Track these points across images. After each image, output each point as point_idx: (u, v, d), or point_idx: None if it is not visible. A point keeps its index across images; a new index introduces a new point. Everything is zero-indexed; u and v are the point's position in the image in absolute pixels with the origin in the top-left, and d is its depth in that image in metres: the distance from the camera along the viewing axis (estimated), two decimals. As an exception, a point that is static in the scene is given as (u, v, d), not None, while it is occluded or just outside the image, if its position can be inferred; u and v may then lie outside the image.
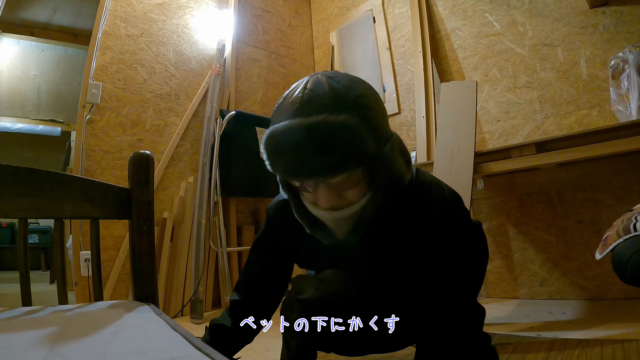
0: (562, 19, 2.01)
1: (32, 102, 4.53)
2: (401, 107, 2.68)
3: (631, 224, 0.62)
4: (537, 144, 1.66)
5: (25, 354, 0.49)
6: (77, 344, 0.53)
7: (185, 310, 2.15)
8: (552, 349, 1.22)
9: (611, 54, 1.78)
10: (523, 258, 2.05)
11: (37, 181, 0.81)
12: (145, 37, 2.37)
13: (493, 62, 2.27)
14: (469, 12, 2.39)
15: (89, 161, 2.06)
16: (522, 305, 1.90)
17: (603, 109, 1.87)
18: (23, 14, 3.82)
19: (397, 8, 2.75)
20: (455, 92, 1.94)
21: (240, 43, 2.84)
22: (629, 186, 1.76)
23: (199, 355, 0.48)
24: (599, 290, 1.82)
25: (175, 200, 2.31)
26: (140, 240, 0.90)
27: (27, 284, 0.81)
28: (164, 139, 2.37)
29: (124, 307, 0.76)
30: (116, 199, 0.90)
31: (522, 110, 2.14)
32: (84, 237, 1.96)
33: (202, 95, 2.55)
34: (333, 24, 3.23)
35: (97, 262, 0.89)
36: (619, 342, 1.21)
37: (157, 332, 0.60)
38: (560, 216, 1.95)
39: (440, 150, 1.86)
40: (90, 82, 2.09)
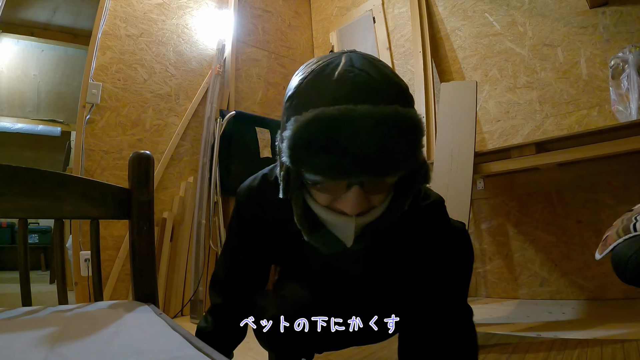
0: (562, 19, 2.01)
1: (32, 102, 4.53)
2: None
3: (631, 224, 0.62)
4: (537, 144, 1.66)
5: (25, 354, 0.49)
6: (77, 344, 0.53)
7: (185, 310, 2.15)
8: (552, 349, 1.22)
9: (611, 54, 1.78)
10: (523, 258, 2.05)
11: (37, 181, 0.81)
12: (145, 37, 2.37)
13: (493, 62, 2.27)
14: (469, 12, 2.39)
15: (89, 161, 2.06)
16: (522, 305, 1.90)
17: (603, 109, 1.87)
18: (23, 13, 3.82)
19: (397, 8, 2.75)
20: (455, 92, 1.94)
21: (240, 43, 2.84)
22: (628, 186, 1.76)
23: (199, 355, 0.48)
24: (599, 290, 1.82)
25: (175, 200, 2.31)
26: (140, 240, 0.89)
27: (27, 284, 0.80)
28: (164, 139, 2.37)
29: (123, 307, 0.76)
30: (116, 199, 0.90)
31: (522, 110, 2.14)
32: (83, 237, 1.96)
33: (202, 96, 2.55)
34: (333, 24, 3.23)
35: (97, 262, 0.89)
36: (619, 342, 1.21)
37: (157, 332, 0.60)
38: (560, 216, 1.95)
39: (440, 150, 1.86)
40: (90, 82, 2.09)
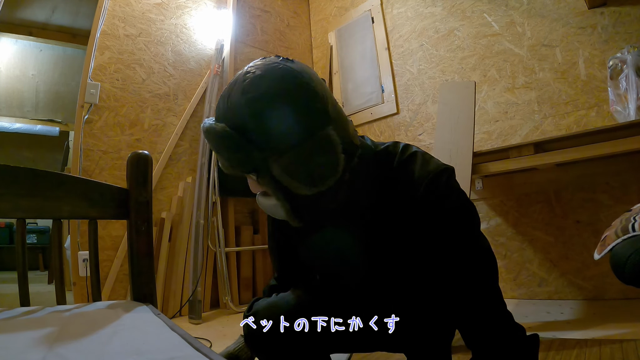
0: (561, 19, 2.02)
1: (31, 102, 4.52)
2: (400, 108, 2.68)
3: (630, 224, 0.62)
4: (535, 144, 1.66)
5: (23, 354, 0.49)
6: (76, 344, 0.52)
7: (183, 310, 2.15)
8: (551, 349, 1.23)
9: (609, 54, 1.78)
10: (521, 258, 2.06)
11: (35, 181, 0.81)
12: (143, 37, 2.37)
13: (491, 63, 2.27)
14: (468, 13, 2.39)
15: (87, 161, 2.05)
16: (520, 305, 1.91)
17: (601, 109, 1.87)
18: (21, 13, 3.81)
19: (396, 8, 2.75)
20: (453, 92, 1.94)
21: (238, 43, 2.84)
22: (627, 186, 1.77)
23: (197, 355, 0.48)
24: (598, 291, 1.82)
25: (173, 201, 2.31)
26: (139, 241, 0.89)
27: (25, 284, 0.80)
28: (163, 139, 2.37)
29: (122, 307, 0.76)
30: (114, 199, 0.90)
31: (520, 111, 2.15)
32: (82, 237, 1.96)
33: (200, 95, 2.55)
34: (332, 24, 3.23)
35: (95, 263, 0.89)
36: (618, 342, 1.21)
37: (155, 333, 0.60)
38: (559, 216, 1.96)
39: (438, 151, 1.86)
40: (89, 82, 2.09)
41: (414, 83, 2.61)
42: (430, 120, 2.50)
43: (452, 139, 1.83)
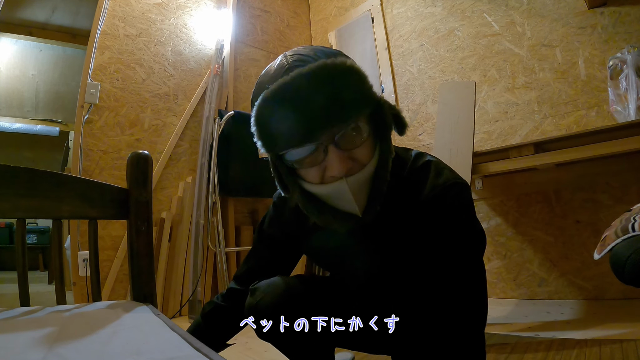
0: (561, 19, 2.02)
1: (31, 102, 4.52)
2: (400, 108, 2.68)
3: (629, 224, 0.62)
4: (535, 144, 1.66)
5: (23, 354, 0.49)
6: (76, 344, 0.52)
7: (183, 310, 2.15)
8: (551, 349, 1.23)
9: (609, 54, 1.78)
10: (521, 258, 2.06)
11: (35, 181, 0.81)
12: (143, 37, 2.37)
13: (491, 63, 2.27)
14: (468, 13, 2.39)
15: (87, 161, 2.06)
16: (520, 305, 1.91)
17: (601, 110, 1.87)
18: (21, 13, 3.81)
19: (396, 8, 2.75)
20: (453, 92, 1.94)
21: (238, 43, 2.84)
22: (627, 186, 1.77)
23: (197, 355, 0.48)
24: (598, 291, 1.82)
25: (173, 201, 2.31)
26: (139, 241, 0.89)
27: (25, 284, 0.80)
28: (162, 139, 2.37)
29: (122, 307, 0.76)
30: (114, 199, 0.89)
31: (520, 111, 2.15)
32: (82, 237, 1.96)
33: (200, 96, 2.55)
34: (332, 24, 3.23)
35: (95, 262, 0.89)
36: (618, 342, 1.21)
37: (155, 333, 0.60)
38: (559, 216, 1.96)
39: (438, 151, 1.86)
40: (89, 82, 2.09)
41: (414, 83, 2.61)
42: (430, 120, 2.50)
43: (452, 139, 1.83)
